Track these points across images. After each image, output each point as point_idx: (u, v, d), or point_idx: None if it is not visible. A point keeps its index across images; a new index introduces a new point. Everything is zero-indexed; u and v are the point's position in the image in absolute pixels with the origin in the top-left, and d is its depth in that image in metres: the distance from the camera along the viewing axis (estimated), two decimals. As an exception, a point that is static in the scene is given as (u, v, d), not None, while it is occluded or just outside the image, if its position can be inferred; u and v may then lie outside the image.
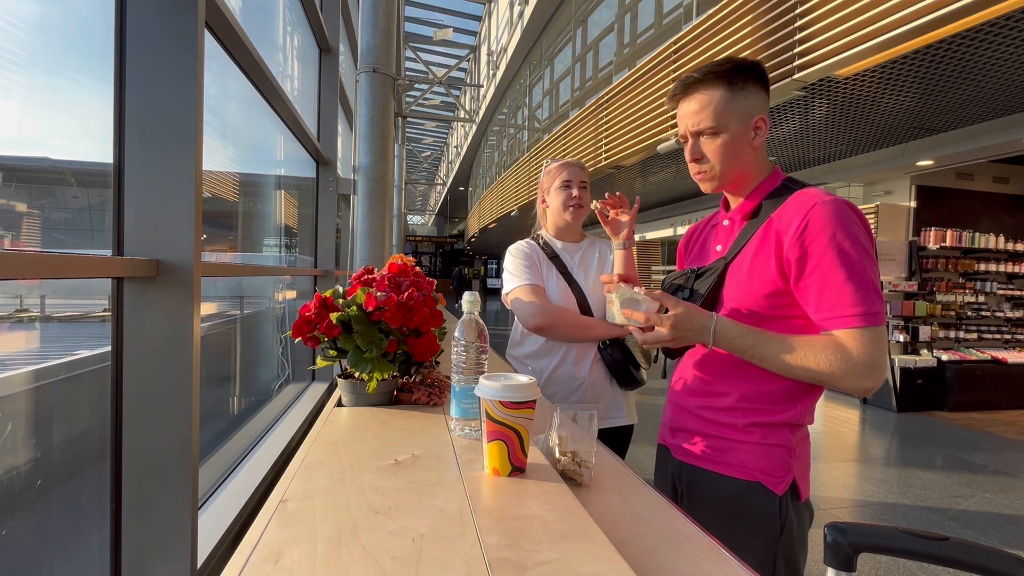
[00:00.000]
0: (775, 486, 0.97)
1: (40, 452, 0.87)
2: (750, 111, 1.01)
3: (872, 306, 0.89)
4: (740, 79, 1.00)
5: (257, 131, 1.92)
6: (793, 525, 0.97)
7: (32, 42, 0.81)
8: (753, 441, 0.99)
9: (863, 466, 3.89)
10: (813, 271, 0.92)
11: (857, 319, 0.88)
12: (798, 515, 0.99)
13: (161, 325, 0.83)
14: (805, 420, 1.01)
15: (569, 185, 1.65)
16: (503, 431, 0.72)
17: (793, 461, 0.98)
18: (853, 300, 0.89)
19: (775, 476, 0.97)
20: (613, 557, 0.53)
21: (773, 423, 0.99)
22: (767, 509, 0.97)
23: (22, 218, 0.84)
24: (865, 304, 0.88)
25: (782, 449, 0.98)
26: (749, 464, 0.99)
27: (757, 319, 0.98)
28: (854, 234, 0.91)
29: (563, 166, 1.67)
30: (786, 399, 0.98)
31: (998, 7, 2.55)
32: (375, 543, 0.54)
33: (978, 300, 6.09)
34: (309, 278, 2.55)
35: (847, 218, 0.92)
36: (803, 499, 1.00)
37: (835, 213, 0.92)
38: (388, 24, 3.43)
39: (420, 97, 13.27)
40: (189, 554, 0.84)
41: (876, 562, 2.49)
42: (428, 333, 1.09)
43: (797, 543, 0.98)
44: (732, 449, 1.01)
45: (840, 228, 0.91)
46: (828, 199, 0.94)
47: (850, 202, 0.94)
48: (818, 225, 0.91)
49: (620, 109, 6.16)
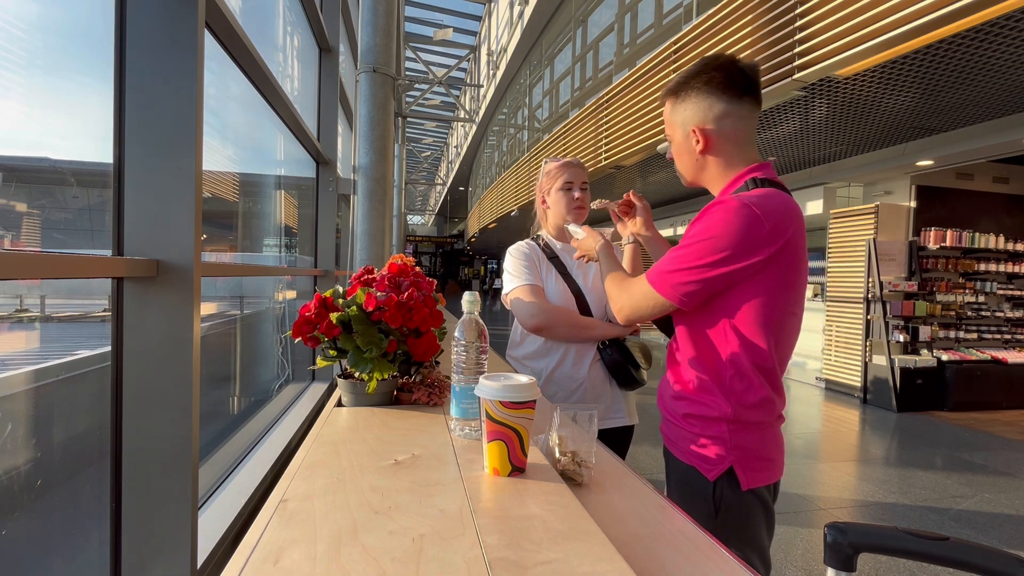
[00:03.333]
0: (707, 472, 1.05)
1: (40, 452, 0.87)
2: (686, 121, 1.10)
3: (662, 274, 1.04)
4: (685, 90, 1.10)
5: (257, 131, 1.92)
6: (732, 511, 1.03)
7: (32, 42, 0.81)
8: (689, 429, 1.08)
9: (863, 466, 3.89)
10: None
11: (650, 274, 1.07)
12: (739, 502, 1.03)
13: (161, 325, 0.83)
14: (750, 417, 1.03)
15: (571, 188, 1.63)
16: (503, 431, 0.72)
17: (730, 452, 1.03)
18: (659, 266, 1.06)
19: (708, 463, 1.05)
20: (613, 557, 0.53)
21: (706, 416, 1.05)
22: (700, 491, 1.05)
23: (22, 218, 0.84)
24: (661, 266, 1.05)
25: (716, 440, 1.04)
26: (687, 449, 1.08)
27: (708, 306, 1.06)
28: (713, 225, 0.98)
29: (564, 167, 1.64)
30: (721, 393, 1.03)
31: (998, 7, 2.55)
32: (375, 543, 0.54)
33: (978, 300, 6.09)
34: (309, 278, 2.55)
35: (721, 218, 0.98)
36: (745, 488, 1.03)
37: (717, 209, 0.99)
38: (388, 24, 3.43)
39: (420, 97, 13.28)
40: (189, 554, 0.84)
41: (876, 562, 2.49)
42: (428, 333, 1.09)
43: (746, 532, 1.03)
44: (680, 435, 1.10)
45: (706, 220, 1.00)
46: (727, 198, 0.99)
47: (748, 204, 0.96)
48: (699, 216, 1.02)
49: (620, 109, 6.16)
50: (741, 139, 1.08)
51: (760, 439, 1.05)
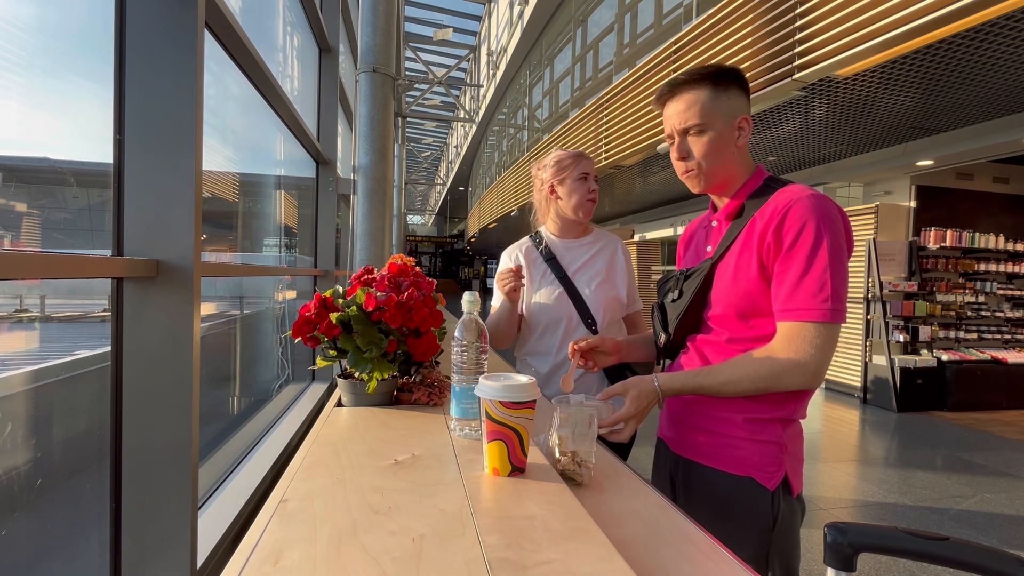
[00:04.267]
0: (767, 481, 0.98)
1: (40, 452, 0.87)
2: (733, 111, 1.03)
3: (824, 302, 0.90)
4: (724, 82, 1.03)
5: (257, 131, 1.91)
6: (785, 520, 0.98)
7: (32, 42, 0.81)
8: (745, 437, 1.00)
9: (863, 466, 3.89)
10: (782, 262, 0.94)
11: (804, 312, 0.91)
12: (790, 510, 1.00)
13: (161, 325, 0.83)
14: (797, 415, 1.02)
15: (587, 178, 1.55)
16: (503, 431, 0.72)
17: (784, 457, 0.99)
18: (808, 294, 0.90)
19: (767, 471, 0.98)
20: (613, 557, 0.53)
21: (765, 419, 1.00)
22: (759, 504, 0.98)
23: (22, 218, 0.84)
24: (817, 300, 0.90)
25: (774, 445, 0.99)
26: (741, 459, 1.00)
27: (744, 318, 1.00)
28: (829, 229, 0.92)
29: (579, 156, 1.57)
30: (779, 396, 0.99)
31: (998, 7, 2.55)
32: (375, 543, 0.54)
33: (978, 300, 6.09)
34: (309, 278, 2.55)
35: (825, 213, 0.93)
36: (795, 494, 1.01)
37: (815, 207, 0.93)
38: (388, 24, 3.43)
39: (420, 97, 13.29)
40: (189, 554, 0.84)
41: (876, 562, 2.49)
42: (428, 333, 1.09)
43: (790, 538, 1.00)
44: (726, 444, 1.02)
45: (816, 221, 0.92)
46: (809, 193, 0.95)
47: (830, 198, 0.96)
48: (795, 216, 0.93)
49: (620, 109, 6.16)
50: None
51: (799, 437, 1.04)
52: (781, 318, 0.94)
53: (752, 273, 0.98)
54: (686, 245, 1.27)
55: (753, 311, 0.99)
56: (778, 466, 0.99)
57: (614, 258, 1.62)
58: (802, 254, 0.92)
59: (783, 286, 0.94)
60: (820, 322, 0.90)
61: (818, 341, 0.90)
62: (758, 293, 0.98)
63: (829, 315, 0.90)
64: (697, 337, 1.09)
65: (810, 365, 0.90)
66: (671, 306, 1.13)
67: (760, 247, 0.97)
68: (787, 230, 0.94)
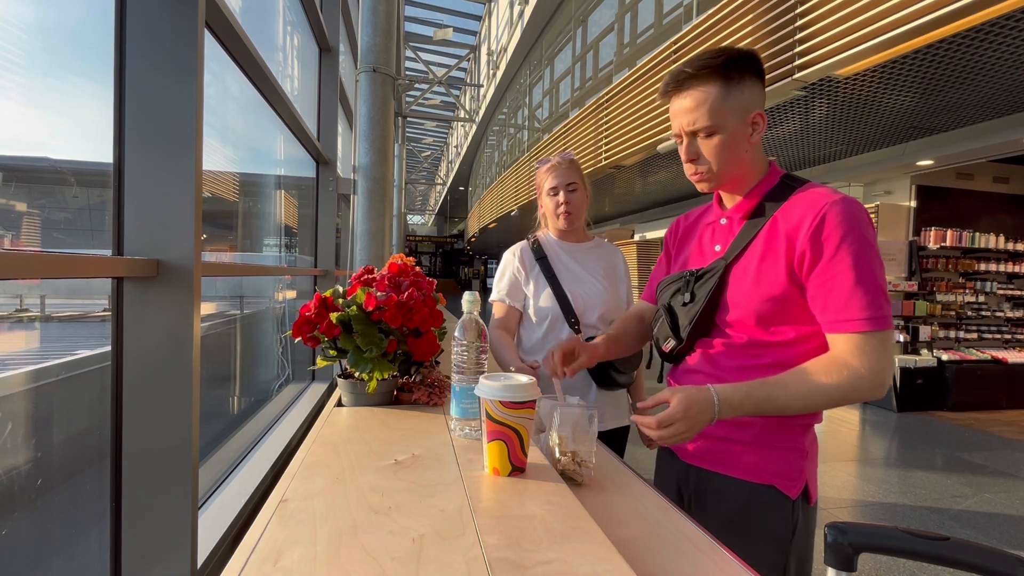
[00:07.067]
0: (788, 490, 0.94)
1: (40, 452, 0.87)
2: (747, 107, 0.95)
3: (880, 310, 0.87)
4: (736, 73, 0.94)
5: (257, 131, 1.91)
6: (803, 530, 0.95)
7: (32, 42, 0.81)
8: (765, 443, 0.96)
9: (863, 466, 3.89)
10: (824, 271, 0.89)
11: (865, 323, 0.86)
12: (807, 518, 0.96)
13: (161, 325, 0.83)
14: (816, 420, 0.99)
15: (556, 192, 1.58)
16: (503, 431, 0.72)
17: (806, 463, 0.96)
18: (862, 304, 0.87)
19: (789, 479, 0.94)
20: (613, 557, 0.53)
21: (788, 424, 0.95)
22: (779, 513, 0.94)
23: (22, 218, 0.84)
24: (873, 308, 0.86)
25: (796, 451, 0.96)
26: (762, 467, 0.96)
27: (764, 323, 0.96)
28: (866, 236, 0.89)
29: (549, 170, 1.59)
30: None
31: (998, 7, 2.55)
32: (375, 543, 0.54)
33: (978, 300, 6.09)
34: (309, 278, 2.55)
35: (860, 219, 0.90)
36: (812, 502, 0.98)
37: (850, 213, 0.89)
38: (388, 24, 3.43)
39: (420, 97, 13.30)
40: (189, 554, 0.84)
41: (876, 562, 2.48)
42: (428, 333, 1.09)
43: (807, 546, 0.97)
44: (745, 452, 0.97)
45: (854, 229, 0.89)
46: (840, 197, 0.91)
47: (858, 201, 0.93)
48: (833, 223, 0.89)
49: (620, 109, 6.16)
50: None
51: (816, 442, 1.00)
52: (838, 329, 0.89)
53: (779, 278, 0.93)
54: (679, 242, 1.20)
55: (775, 317, 0.95)
56: (799, 473, 0.95)
57: (610, 265, 1.65)
58: (847, 262, 0.88)
59: (833, 295, 0.89)
60: (883, 331, 0.87)
61: (886, 349, 0.88)
62: (784, 299, 0.93)
63: (887, 323, 0.88)
64: (707, 341, 1.04)
65: (885, 374, 0.87)
66: (682, 310, 1.06)
67: (789, 252, 0.92)
68: (827, 237, 0.89)
